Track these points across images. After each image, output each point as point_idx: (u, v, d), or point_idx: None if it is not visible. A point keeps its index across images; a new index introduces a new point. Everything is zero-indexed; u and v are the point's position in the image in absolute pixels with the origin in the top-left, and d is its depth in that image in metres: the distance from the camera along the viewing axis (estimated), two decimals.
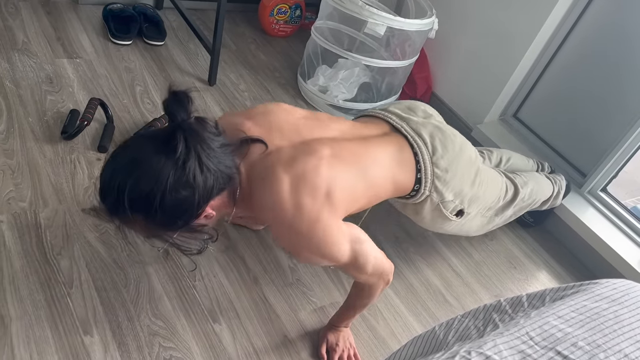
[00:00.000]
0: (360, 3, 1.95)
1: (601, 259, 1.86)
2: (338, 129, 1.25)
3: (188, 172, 0.93)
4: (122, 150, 0.99)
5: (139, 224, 1.00)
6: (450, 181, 1.35)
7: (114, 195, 0.95)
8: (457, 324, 0.88)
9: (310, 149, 1.12)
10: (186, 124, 0.94)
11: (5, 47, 1.90)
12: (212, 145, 0.97)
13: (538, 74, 2.08)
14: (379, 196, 1.29)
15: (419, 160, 1.32)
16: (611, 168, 1.91)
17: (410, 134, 1.33)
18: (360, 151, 1.22)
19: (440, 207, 1.39)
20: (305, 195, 1.06)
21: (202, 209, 1.00)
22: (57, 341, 1.20)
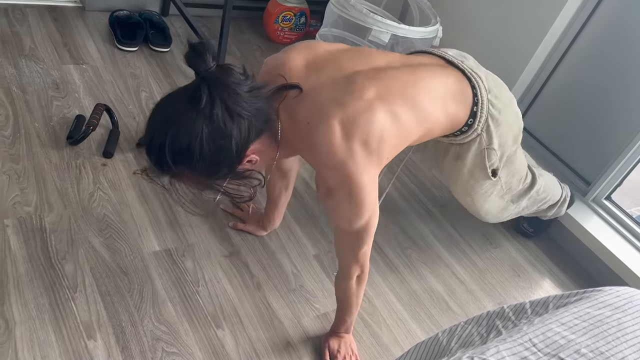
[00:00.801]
0: (365, 11, 1.96)
1: (605, 267, 1.85)
2: (385, 60, 1.21)
3: (218, 121, 0.95)
4: (157, 111, 1.02)
5: (187, 176, 1.04)
6: (500, 125, 1.33)
7: (156, 154, 1.00)
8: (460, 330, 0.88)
9: (353, 89, 1.09)
10: (208, 74, 0.95)
11: (12, 52, 1.92)
12: (239, 90, 0.97)
13: (542, 82, 2.08)
14: (431, 131, 1.25)
15: (476, 93, 1.28)
16: (616, 176, 1.90)
17: (467, 69, 1.30)
18: (410, 80, 1.18)
19: (484, 154, 1.36)
20: (358, 141, 1.05)
21: (242, 154, 1.02)
22: (61, 345, 1.20)
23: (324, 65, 1.14)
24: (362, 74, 1.13)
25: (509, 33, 2.04)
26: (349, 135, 1.05)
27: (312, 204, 1.80)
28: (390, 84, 1.14)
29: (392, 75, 1.16)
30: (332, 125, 1.05)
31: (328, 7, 2.13)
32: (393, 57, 1.24)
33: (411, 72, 1.21)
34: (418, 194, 2.00)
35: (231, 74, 0.98)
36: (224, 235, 1.59)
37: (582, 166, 2.04)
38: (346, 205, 1.11)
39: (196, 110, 0.95)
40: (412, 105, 1.16)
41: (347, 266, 1.23)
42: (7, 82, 1.79)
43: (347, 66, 1.15)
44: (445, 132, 1.31)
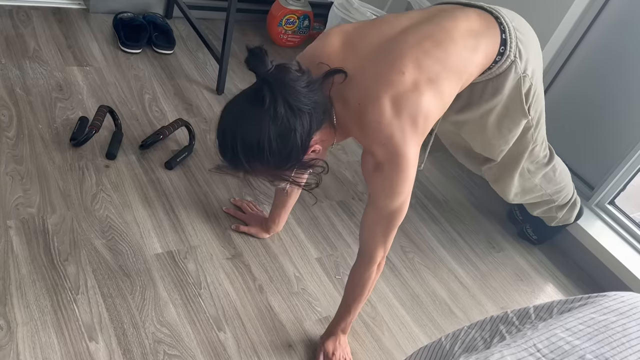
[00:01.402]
0: (368, 14, 1.96)
1: (609, 272, 1.84)
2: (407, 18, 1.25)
3: (282, 118, 1.02)
4: (225, 115, 1.09)
5: (259, 171, 1.11)
6: (529, 48, 1.34)
7: (230, 154, 1.07)
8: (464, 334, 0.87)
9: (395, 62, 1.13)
10: (268, 76, 1.01)
11: (16, 54, 1.92)
12: (298, 87, 1.03)
13: (546, 86, 2.08)
14: (471, 77, 1.30)
15: (501, 22, 1.30)
16: (619, 181, 1.90)
17: (486, 5, 1.32)
18: (439, 35, 1.21)
19: (521, 82, 1.37)
20: (407, 118, 1.10)
21: (307, 145, 1.08)
22: (63, 347, 1.20)
23: (357, 43, 1.19)
24: (393, 41, 1.17)
25: None
26: (398, 112, 1.10)
27: (315, 207, 1.79)
28: (423, 45, 1.17)
29: (421, 33, 1.20)
30: (383, 103, 1.10)
31: (331, 10, 2.13)
32: (414, 16, 1.28)
33: (437, 25, 1.23)
34: (421, 198, 2.00)
35: (289, 72, 1.04)
36: (226, 237, 1.58)
37: (585, 171, 2.04)
38: (392, 179, 1.15)
39: (261, 110, 1.02)
40: (449, 63, 1.19)
41: (374, 250, 1.24)
42: (11, 84, 1.79)
43: (376, 37, 1.19)
44: (482, 68, 1.33)
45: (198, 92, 2.09)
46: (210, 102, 2.07)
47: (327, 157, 2.02)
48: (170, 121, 1.85)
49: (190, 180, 1.71)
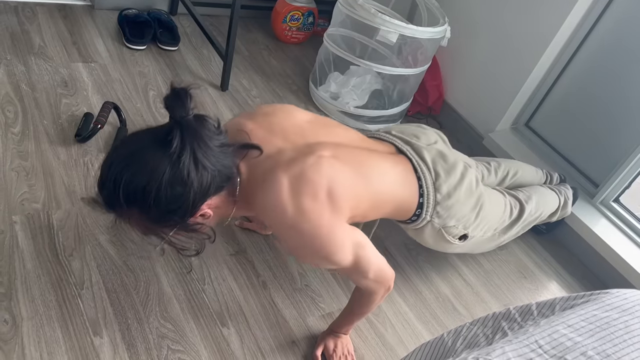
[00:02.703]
0: (373, 10, 1.96)
1: (613, 270, 1.84)
2: (345, 135, 1.25)
3: (182, 168, 0.94)
4: (122, 144, 1.01)
5: (135, 217, 1.01)
6: (452, 207, 1.36)
7: (110, 188, 0.96)
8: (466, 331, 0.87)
9: (311, 150, 1.11)
10: (184, 121, 0.94)
11: (22, 50, 1.93)
12: (210, 144, 0.97)
13: (551, 83, 2.08)
14: (380, 206, 1.28)
15: (422, 184, 1.32)
16: (624, 178, 1.89)
17: (415, 158, 1.34)
18: (364, 159, 1.22)
19: (443, 233, 1.39)
20: (306, 195, 1.05)
21: (197, 207, 1.00)
22: (67, 341, 1.21)
23: (289, 131, 1.16)
24: (323, 144, 1.16)
25: (518, 33, 2.03)
26: (297, 192, 1.05)
27: None
28: (345, 156, 1.16)
29: (349, 151, 1.20)
30: (281, 183, 1.05)
31: (336, 6, 2.13)
32: (353, 137, 1.28)
33: (366, 153, 1.25)
34: None
35: (206, 125, 0.98)
36: (229, 233, 1.59)
37: (590, 168, 2.03)
38: (317, 259, 1.12)
39: (163, 152, 0.94)
40: (363, 178, 1.18)
41: (366, 287, 1.22)
42: (16, 80, 1.80)
43: (311, 136, 1.17)
44: (394, 216, 1.35)
45: (202, 89, 2.10)
46: (214, 98, 2.07)
47: None
48: None
49: None
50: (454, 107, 2.35)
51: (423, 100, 2.37)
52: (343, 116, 2.20)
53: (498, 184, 1.71)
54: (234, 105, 2.07)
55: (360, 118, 2.21)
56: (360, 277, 1.19)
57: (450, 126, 2.38)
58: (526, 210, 1.60)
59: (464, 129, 2.31)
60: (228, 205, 1.08)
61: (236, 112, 2.04)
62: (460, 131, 2.33)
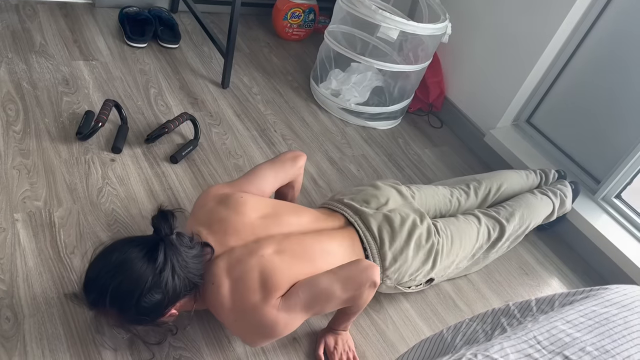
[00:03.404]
0: (374, 7, 1.96)
1: (614, 266, 1.84)
2: (297, 222, 1.34)
3: (162, 279, 1.09)
4: (110, 253, 1.11)
5: (112, 316, 1.13)
6: (399, 269, 1.42)
7: (97, 292, 1.09)
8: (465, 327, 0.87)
9: (255, 248, 1.21)
10: (168, 239, 1.11)
11: (23, 48, 1.93)
12: (186, 258, 1.12)
13: (552, 79, 2.07)
14: None
15: (367, 255, 1.39)
16: (625, 175, 1.89)
17: (361, 229, 1.41)
18: (312, 244, 1.30)
19: (400, 288, 1.48)
20: (243, 296, 1.16)
21: (168, 309, 1.13)
22: (69, 339, 1.21)
23: (241, 230, 1.25)
24: (271, 238, 1.25)
25: (519, 30, 2.03)
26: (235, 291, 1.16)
27: (319, 200, 1.80)
28: (291, 246, 1.26)
29: (297, 239, 1.29)
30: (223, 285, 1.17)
31: (337, 3, 2.13)
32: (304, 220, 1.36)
33: (315, 237, 1.33)
34: None
35: (183, 242, 1.14)
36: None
37: (591, 164, 2.03)
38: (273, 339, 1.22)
39: (149, 267, 1.08)
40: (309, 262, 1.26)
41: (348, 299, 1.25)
42: (17, 78, 1.81)
43: (262, 230, 1.27)
44: None
45: (203, 86, 2.10)
46: (215, 96, 2.08)
47: (331, 153, 2.02)
48: (175, 115, 1.86)
49: (195, 174, 1.72)
50: (455, 104, 2.35)
51: (424, 97, 2.36)
52: (344, 113, 2.20)
53: (479, 204, 1.74)
54: (235, 103, 2.07)
55: (362, 115, 2.21)
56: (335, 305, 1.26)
57: (451, 123, 2.37)
58: (507, 230, 1.64)
59: (465, 125, 2.31)
60: (190, 303, 1.20)
61: (237, 109, 2.04)
62: (461, 128, 2.33)
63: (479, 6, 2.17)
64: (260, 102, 2.13)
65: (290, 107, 2.17)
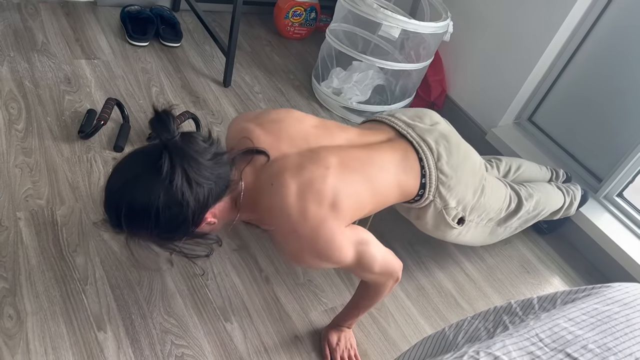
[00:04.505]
0: (375, 6, 1.96)
1: (616, 264, 1.84)
2: (345, 137, 1.27)
3: (176, 191, 0.96)
4: (117, 171, 1.03)
5: (143, 236, 1.04)
6: (453, 187, 1.37)
7: (113, 216, 1.01)
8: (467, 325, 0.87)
9: (318, 157, 1.14)
10: (171, 143, 0.96)
11: (25, 47, 1.94)
12: (201, 159, 0.99)
13: (554, 77, 2.07)
14: (384, 202, 1.31)
15: (423, 165, 1.33)
16: (627, 173, 1.88)
17: (416, 140, 1.35)
18: (365, 158, 1.24)
19: (443, 214, 1.40)
20: (311, 201, 1.08)
21: (200, 219, 1.02)
22: (72, 336, 1.22)
23: (295, 137, 1.18)
24: (326, 149, 1.19)
25: (521, 28, 2.03)
26: (302, 197, 1.08)
27: None
28: (348, 161, 1.19)
29: (351, 153, 1.22)
30: (289, 186, 1.08)
31: (338, 2, 2.12)
32: (351, 136, 1.30)
33: (366, 151, 1.26)
34: None
35: (195, 142, 1.00)
36: (232, 229, 1.59)
37: (593, 163, 2.03)
38: (319, 261, 1.13)
39: (156, 177, 0.96)
40: (368, 180, 1.21)
41: (374, 281, 1.24)
42: (20, 77, 1.81)
43: (314, 140, 1.20)
44: (398, 201, 1.36)
45: (205, 85, 2.10)
46: (217, 94, 2.08)
47: None
48: (177, 114, 1.86)
49: None
50: (457, 102, 2.34)
51: (426, 95, 2.36)
52: (346, 112, 2.20)
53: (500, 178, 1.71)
54: (237, 102, 2.07)
55: (363, 113, 2.21)
56: (366, 273, 1.21)
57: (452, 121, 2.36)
58: (524, 207, 1.60)
59: (466, 124, 2.30)
60: (231, 210, 1.10)
61: (239, 108, 2.05)
62: (462, 126, 2.32)
63: (480, 4, 2.16)
64: (262, 100, 2.13)
65: (291, 106, 2.17)
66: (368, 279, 1.24)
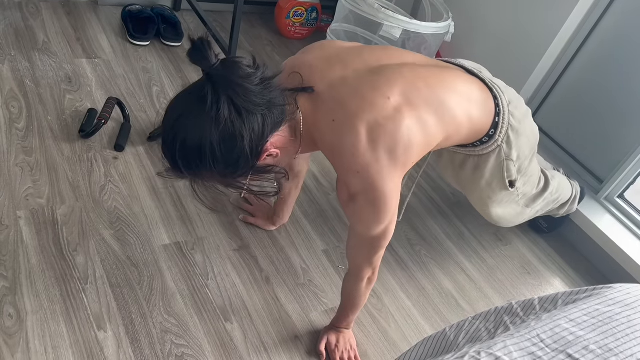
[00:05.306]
0: (377, 6, 1.96)
1: (617, 266, 1.84)
2: (412, 57, 1.20)
3: (226, 121, 0.91)
4: (169, 111, 0.98)
5: (205, 176, 1.01)
6: (520, 136, 1.32)
7: (170, 157, 0.98)
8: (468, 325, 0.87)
9: (380, 84, 1.06)
10: (212, 71, 0.91)
11: (26, 46, 1.94)
12: (248, 85, 0.93)
13: (555, 78, 2.07)
14: (453, 137, 1.22)
15: (498, 104, 1.27)
16: (628, 174, 1.88)
17: (488, 79, 1.30)
18: (436, 80, 1.15)
19: (504, 165, 1.35)
20: (384, 148, 1.03)
21: (260, 150, 0.98)
22: (72, 335, 1.21)
23: (347, 58, 1.12)
24: (388, 67, 1.11)
25: (522, 29, 2.02)
26: (375, 142, 1.02)
27: (322, 199, 1.80)
28: (416, 82, 1.11)
29: (419, 73, 1.14)
30: (359, 130, 1.02)
31: (339, 2, 2.12)
32: (419, 57, 1.23)
33: (438, 72, 1.19)
34: (429, 191, 2.00)
35: (238, 68, 0.94)
36: (233, 229, 1.59)
37: (594, 164, 2.02)
38: (367, 212, 1.09)
39: (203, 111, 0.91)
40: (438, 107, 1.13)
41: (359, 269, 1.22)
42: (20, 76, 1.81)
43: (372, 59, 1.13)
44: (466, 139, 1.29)
45: None
46: None
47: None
48: None
49: None
50: None
51: None
52: None
53: None
54: None
55: None
56: (366, 253, 1.17)
57: None
58: (550, 186, 1.58)
59: None
60: (292, 142, 1.06)
61: None
62: None
63: (482, 5, 2.16)
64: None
65: None
66: (356, 262, 1.20)
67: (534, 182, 1.52)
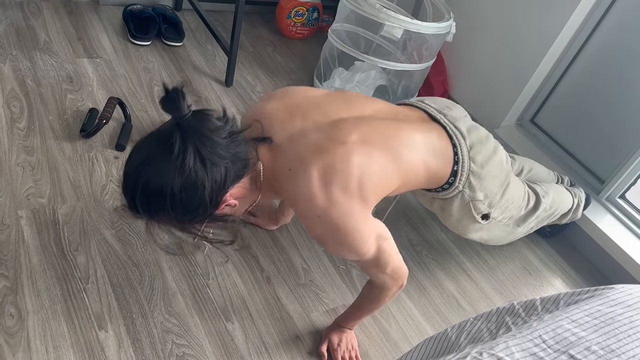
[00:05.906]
0: (378, 6, 1.96)
1: (618, 266, 1.83)
2: (371, 107, 1.22)
3: (190, 170, 0.93)
4: (134, 152, 1.00)
5: (162, 220, 1.02)
6: (483, 179, 1.33)
7: (130, 198, 0.99)
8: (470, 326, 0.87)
9: (338, 135, 1.09)
10: (183, 121, 0.93)
11: (27, 46, 1.94)
12: (215, 138, 0.95)
13: (557, 79, 2.06)
14: (410, 183, 1.25)
15: (457, 152, 1.29)
16: (630, 175, 1.88)
17: (449, 126, 1.31)
18: (392, 132, 1.18)
19: (470, 206, 1.36)
20: (337, 187, 1.05)
21: (219, 200, 0.99)
22: (73, 335, 1.21)
23: (308, 109, 1.15)
24: (346, 121, 1.13)
25: (523, 29, 2.02)
26: (328, 184, 1.04)
27: None
28: (372, 134, 1.14)
29: (375, 125, 1.17)
30: (311, 174, 1.05)
31: (341, 2, 2.12)
32: (379, 107, 1.25)
33: (394, 125, 1.21)
34: None
35: (208, 120, 0.96)
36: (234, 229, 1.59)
37: (596, 164, 2.02)
38: (343, 248, 1.11)
39: (168, 158, 0.93)
40: (393, 155, 1.16)
41: (382, 282, 1.22)
42: (22, 75, 1.81)
43: (333, 112, 1.15)
44: (425, 186, 1.32)
45: (207, 84, 2.10)
46: (219, 94, 2.08)
47: None
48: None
49: None
50: (459, 103, 2.33)
51: (428, 95, 2.36)
52: None
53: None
54: (238, 101, 2.07)
55: None
56: (378, 271, 1.18)
57: None
58: (542, 204, 1.58)
59: None
60: (252, 192, 1.08)
61: (240, 107, 2.04)
62: None
63: (483, 5, 2.16)
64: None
65: None
66: (378, 280, 1.22)
67: (517, 205, 1.51)
